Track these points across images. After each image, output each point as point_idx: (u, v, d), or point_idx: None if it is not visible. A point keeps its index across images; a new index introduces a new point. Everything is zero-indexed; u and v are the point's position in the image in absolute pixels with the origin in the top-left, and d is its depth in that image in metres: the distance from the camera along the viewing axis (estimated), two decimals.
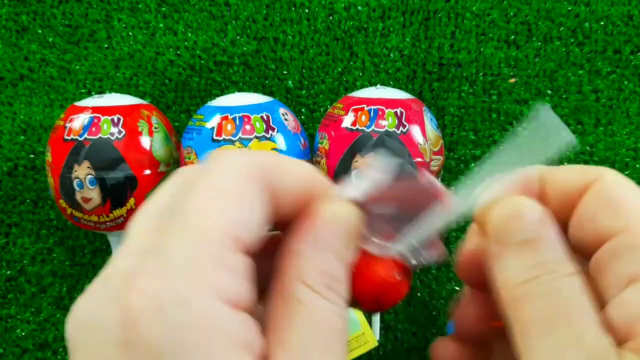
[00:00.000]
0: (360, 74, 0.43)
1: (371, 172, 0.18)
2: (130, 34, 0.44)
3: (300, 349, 0.15)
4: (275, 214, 0.16)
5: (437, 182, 0.18)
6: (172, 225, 0.14)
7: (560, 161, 0.41)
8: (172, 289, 0.13)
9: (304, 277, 0.16)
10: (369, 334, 0.38)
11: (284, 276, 0.16)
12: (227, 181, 0.15)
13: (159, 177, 0.37)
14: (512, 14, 0.42)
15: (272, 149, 0.35)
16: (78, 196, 0.36)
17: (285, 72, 0.43)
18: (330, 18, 0.43)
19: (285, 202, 0.17)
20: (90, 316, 0.14)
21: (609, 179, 0.18)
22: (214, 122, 0.36)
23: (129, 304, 0.13)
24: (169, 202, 0.16)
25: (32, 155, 0.44)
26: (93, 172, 0.35)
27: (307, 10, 0.43)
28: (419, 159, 0.35)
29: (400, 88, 0.42)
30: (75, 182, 0.35)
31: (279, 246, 0.17)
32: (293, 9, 0.43)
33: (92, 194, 0.35)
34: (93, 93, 0.44)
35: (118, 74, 0.44)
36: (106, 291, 0.14)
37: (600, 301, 0.17)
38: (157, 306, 0.13)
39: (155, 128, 0.37)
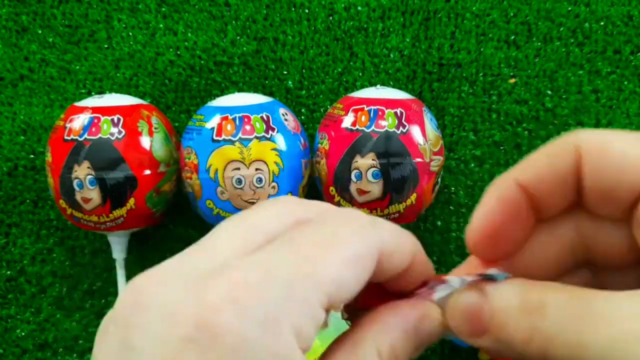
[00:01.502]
0: (360, 74, 0.43)
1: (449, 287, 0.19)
2: (130, 34, 0.44)
3: None
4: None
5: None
6: (285, 250, 0.14)
7: None
8: (265, 312, 0.13)
9: (381, 345, 0.16)
10: None
11: (365, 331, 0.17)
12: (357, 246, 0.15)
13: (159, 178, 0.37)
14: (512, 14, 0.42)
15: (272, 149, 0.35)
16: (78, 196, 0.36)
17: (285, 72, 0.43)
18: (330, 18, 0.43)
19: (383, 277, 0.17)
20: (161, 301, 0.13)
21: (592, 141, 0.17)
22: (214, 122, 0.36)
23: (208, 313, 0.12)
24: (286, 229, 0.15)
25: (32, 156, 0.44)
26: (93, 172, 0.35)
27: (307, 11, 0.43)
28: (419, 159, 0.35)
29: (400, 88, 0.42)
30: (75, 182, 0.35)
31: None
32: (293, 9, 0.43)
33: (92, 194, 0.35)
34: (93, 93, 0.44)
35: (118, 74, 0.44)
36: (186, 282, 0.13)
37: None
38: (245, 324, 0.13)
39: (155, 128, 0.37)
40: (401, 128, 0.35)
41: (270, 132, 0.35)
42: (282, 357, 0.13)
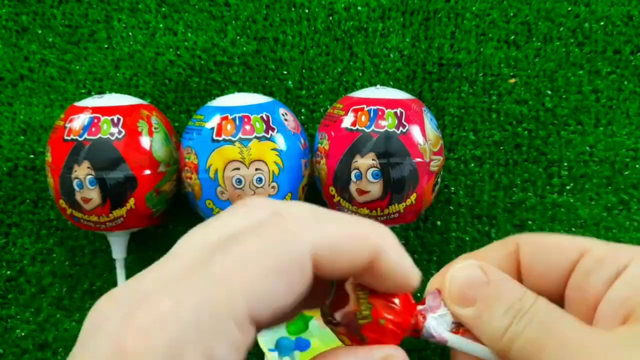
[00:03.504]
0: (360, 74, 0.43)
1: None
2: (130, 34, 0.44)
3: None
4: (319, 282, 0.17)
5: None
6: (201, 274, 0.15)
7: (561, 160, 0.41)
8: (169, 341, 0.13)
9: None
10: None
11: None
12: (279, 257, 0.15)
13: (159, 178, 0.37)
14: (512, 14, 0.42)
15: (272, 149, 0.35)
16: (78, 196, 0.36)
17: (285, 72, 0.43)
18: (330, 18, 0.43)
19: (333, 276, 0.17)
20: (97, 325, 0.15)
21: (530, 248, 0.21)
22: (213, 122, 0.36)
23: (124, 339, 0.14)
24: (223, 238, 0.16)
25: (32, 156, 0.44)
26: (93, 172, 0.35)
27: (307, 11, 0.43)
28: (419, 159, 0.35)
29: (400, 88, 0.42)
30: (75, 182, 0.35)
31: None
32: (293, 9, 0.43)
33: (92, 194, 0.35)
34: (93, 93, 0.44)
35: (118, 74, 0.44)
36: (124, 306, 0.15)
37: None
38: (149, 352, 0.13)
39: (155, 128, 0.37)
40: (401, 128, 0.35)
41: (270, 132, 0.35)
42: None
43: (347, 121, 0.36)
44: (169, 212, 0.41)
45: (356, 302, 0.18)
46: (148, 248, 0.43)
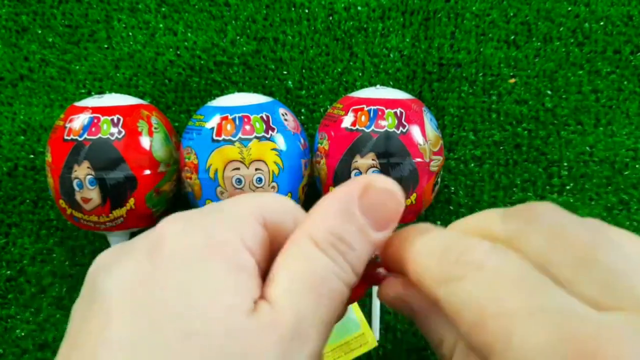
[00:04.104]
0: (360, 74, 0.43)
1: None
2: (130, 34, 0.44)
3: (290, 291, 0.15)
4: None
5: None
6: (211, 214, 0.17)
7: (561, 160, 0.41)
8: (206, 226, 0.16)
9: (312, 232, 0.16)
10: (369, 334, 0.38)
11: (296, 230, 0.17)
12: (272, 193, 0.19)
13: (159, 178, 0.37)
14: (512, 14, 0.42)
15: (272, 149, 0.35)
16: (78, 196, 0.36)
17: (285, 72, 0.43)
18: (330, 18, 0.43)
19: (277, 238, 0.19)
20: (120, 247, 0.17)
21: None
22: (213, 122, 0.36)
23: (160, 230, 0.16)
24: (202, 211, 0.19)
25: (32, 156, 0.44)
26: (93, 172, 0.35)
27: (307, 11, 0.43)
28: (419, 159, 0.35)
29: (400, 88, 0.42)
30: (75, 182, 0.35)
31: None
32: (293, 9, 0.43)
33: (92, 194, 0.35)
34: (93, 93, 0.44)
35: (118, 74, 0.44)
36: (135, 250, 0.17)
37: None
38: (183, 229, 0.16)
39: (155, 128, 0.37)
40: (401, 128, 0.35)
41: (270, 132, 0.35)
42: (222, 243, 0.16)
43: (347, 121, 0.36)
44: (169, 212, 0.41)
45: None
46: None
